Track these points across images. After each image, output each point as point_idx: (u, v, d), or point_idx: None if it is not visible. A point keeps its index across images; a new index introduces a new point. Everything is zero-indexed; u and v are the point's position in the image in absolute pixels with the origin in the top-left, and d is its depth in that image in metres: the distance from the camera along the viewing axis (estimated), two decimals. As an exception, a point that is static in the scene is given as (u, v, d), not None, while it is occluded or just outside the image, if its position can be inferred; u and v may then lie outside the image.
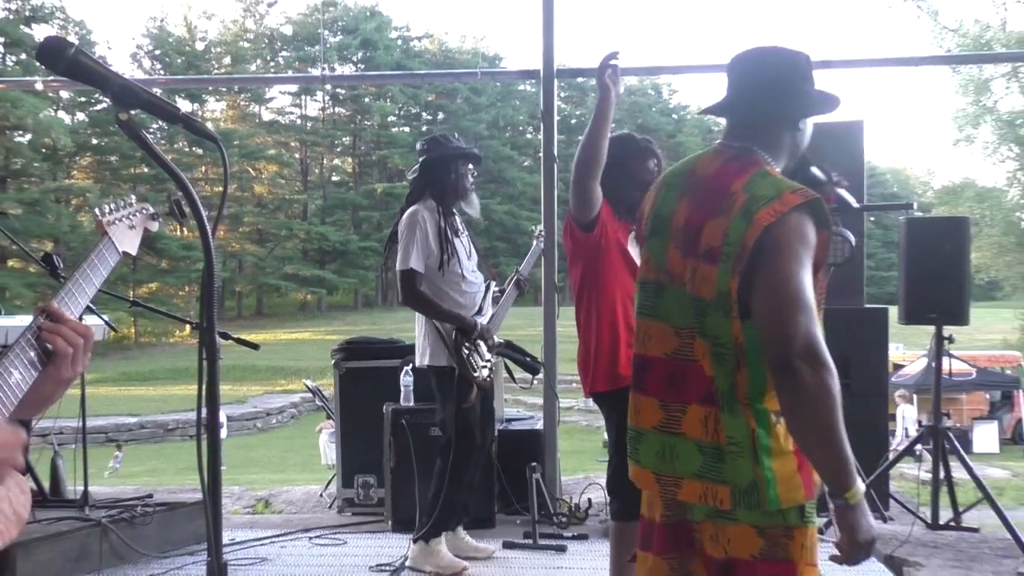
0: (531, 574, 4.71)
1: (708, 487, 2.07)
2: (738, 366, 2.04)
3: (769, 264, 1.97)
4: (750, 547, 2.05)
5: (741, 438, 2.04)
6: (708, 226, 2.08)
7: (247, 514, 6.69)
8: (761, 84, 2.20)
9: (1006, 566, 4.65)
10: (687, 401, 2.11)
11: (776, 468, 2.03)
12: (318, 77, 6.94)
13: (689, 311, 2.11)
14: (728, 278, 2.02)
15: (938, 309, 5.37)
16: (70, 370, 1.42)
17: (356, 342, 6.53)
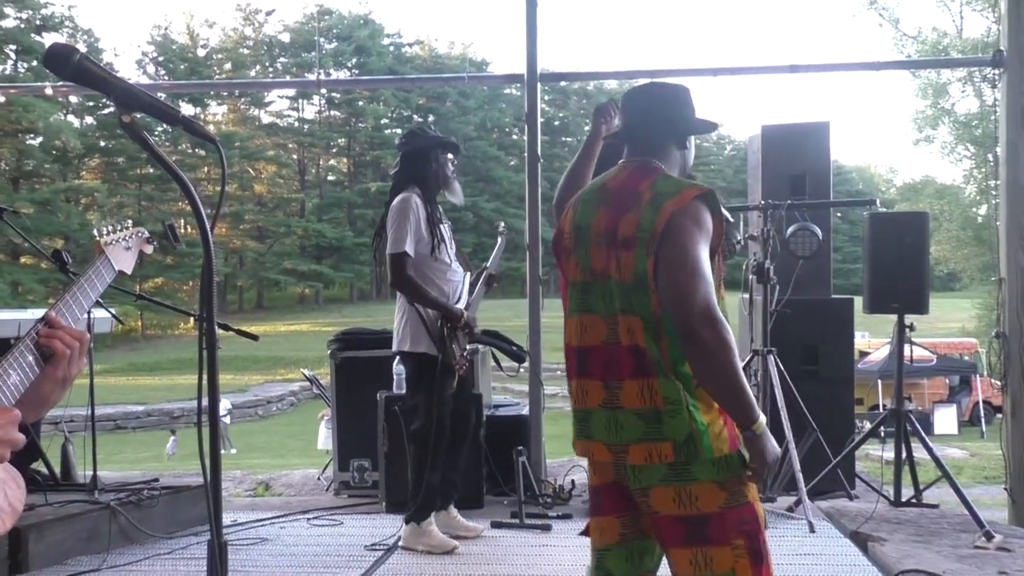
0: (518, 552, 4.70)
1: (652, 447, 2.27)
2: (658, 336, 2.27)
3: (671, 244, 2.23)
4: (716, 501, 2.26)
5: (676, 398, 2.25)
6: (622, 222, 2.33)
7: (248, 497, 6.69)
8: (653, 110, 2.50)
9: (964, 540, 4.67)
10: (622, 378, 2.32)
11: (707, 422, 2.26)
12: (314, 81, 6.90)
13: (616, 297, 2.33)
14: (644, 260, 2.26)
15: (900, 299, 5.38)
16: (67, 370, 1.43)
17: (351, 333, 6.51)
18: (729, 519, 2.25)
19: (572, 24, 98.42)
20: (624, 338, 2.31)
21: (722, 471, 2.26)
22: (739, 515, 2.26)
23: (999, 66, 5.77)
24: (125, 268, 1.71)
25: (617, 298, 2.33)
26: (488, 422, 5.89)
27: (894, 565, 4.20)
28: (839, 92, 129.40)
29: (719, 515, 2.25)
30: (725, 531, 2.25)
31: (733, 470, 2.27)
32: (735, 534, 2.25)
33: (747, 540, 2.25)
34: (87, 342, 1.40)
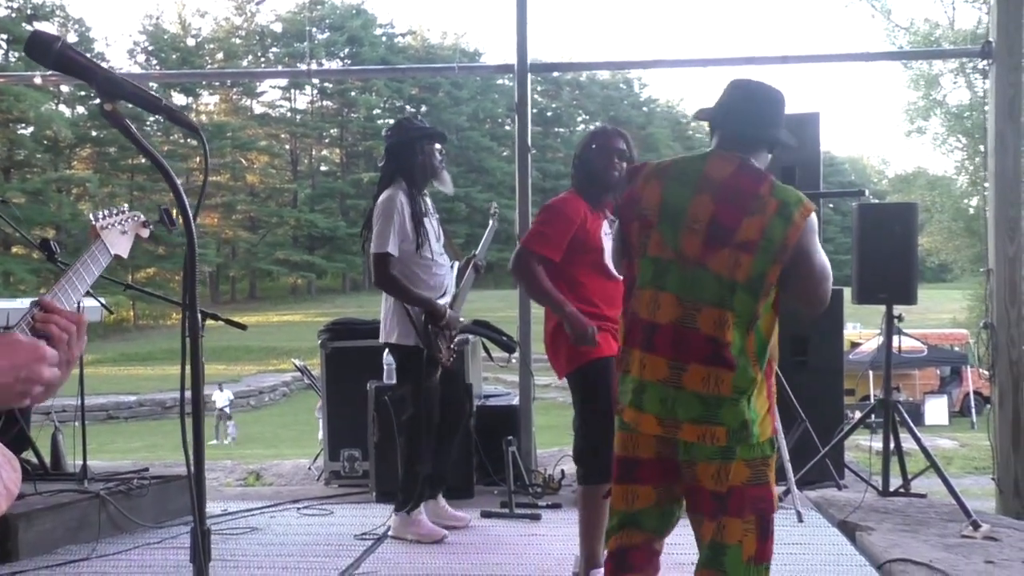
0: (508, 541, 4.72)
1: (707, 429, 2.46)
2: (748, 332, 2.45)
3: (804, 257, 2.47)
4: (741, 477, 2.48)
5: (744, 388, 2.45)
6: (744, 223, 2.45)
7: (239, 486, 6.69)
8: (760, 108, 2.60)
9: (951, 529, 4.69)
10: (689, 361, 2.48)
11: (759, 411, 2.49)
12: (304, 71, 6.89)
13: (710, 288, 2.47)
14: (766, 266, 2.43)
15: (888, 290, 5.40)
16: (68, 353, 1.41)
17: (341, 323, 6.51)
18: (748, 495, 2.48)
19: (565, 14, 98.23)
20: (705, 327, 2.47)
21: (755, 452, 2.49)
22: (757, 493, 2.49)
23: (988, 57, 5.78)
24: (121, 252, 1.70)
25: (711, 289, 2.47)
26: (478, 412, 5.89)
27: (881, 554, 4.22)
28: (832, 83, 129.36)
29: (740, 490, 2.48)
30: (742, 506, 2.48)
31: (764, 452, 2.51)
32: (750, 510, 2.48)
33: (758, 517, 2.49)
34: (83, 324, 1.38)
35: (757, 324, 2.46)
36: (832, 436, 5.72)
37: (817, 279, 2.50)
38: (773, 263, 2.43)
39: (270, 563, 4.36)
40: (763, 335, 2.48)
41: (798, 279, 2.49)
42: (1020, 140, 5.70)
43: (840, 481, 5.93)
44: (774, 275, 2.44)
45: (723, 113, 2.63)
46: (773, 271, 2.44)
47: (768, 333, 2.51)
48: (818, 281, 2.50)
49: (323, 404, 6.25)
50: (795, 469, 5.21)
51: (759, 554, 2.49)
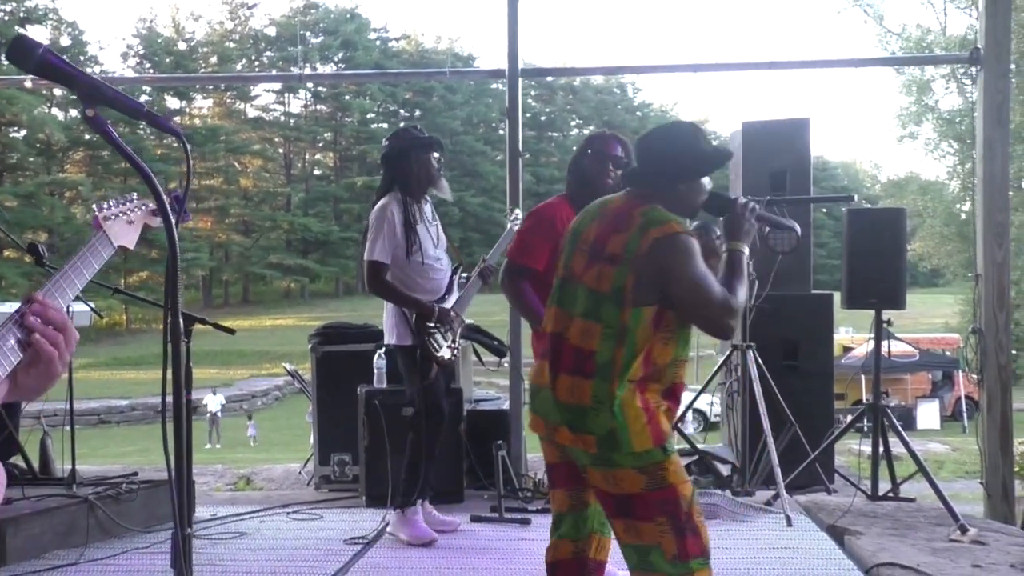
0: (497, 545, 4.72)
1: (578, 436, 2.59)
2: (619, 344, 2.56)
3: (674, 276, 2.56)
4: (637, 484, 2.56)
5: (603, 398, 2.54)
6: (612, 239, 2.64)
7: (229, 491, 6.68)
8: (653, 153, 2.77)
9: (939, 533, 4.70)
10: (559, 371, 2.65)
11: (629, 422, 2.53)
12: (295, 75, 6.96)
13: (581, 302, 2.65)
14: (624, 276, 2.57)
15: (878, 294, 5.40)
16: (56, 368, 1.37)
17: (332, 327, 6.52)
18: (651, 500, 2.56)
19: (558, 19, 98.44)
20: (574, 338, 2.64)
21: (641, 459, 2.54)
22: (660, 497, 2.55)
23: (976, 63, 5.81)
24: (127, 243, 1.68)
25: (583, 302, 2.65)
26: (469, 416, 5.92)
27: (869, 558, 4.23)
28: (826, 88, 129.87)
29: (641, 496, 2.56)
30: (648, 510, 2.56)
31: (653, 458, 2.55)
32: (657, 513, 2.55)
33: (669, 518, 2.54)
34: (68, 327, 1.36)
35: (629, 338, 2.55)
36: (822, 440, 5.74)
37: (693, 302, 2.58)
38: (629, 272, 2.56)
39: (259, 568, 4.35)
40: (635, 349, 2.55)
41: (676, 300, 2.57)
42: (1008, 146, 5.73)
43: (830, 485, 5.95)
44: (630, 283, 2.55)
45: (636, 169, 2.88)
46: (629, 279, 2.56)
47: (641, 348, 2.56)
48: (697, 305, 2.58)
49: (313, 408, 6.24)
50: (785, 473, 5.22)
51: (682, 551, 2.54)
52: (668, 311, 2.59)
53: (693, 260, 2.57)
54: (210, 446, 23.61)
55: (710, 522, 5.01)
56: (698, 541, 2.56)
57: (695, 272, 2.56)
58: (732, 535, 4.83)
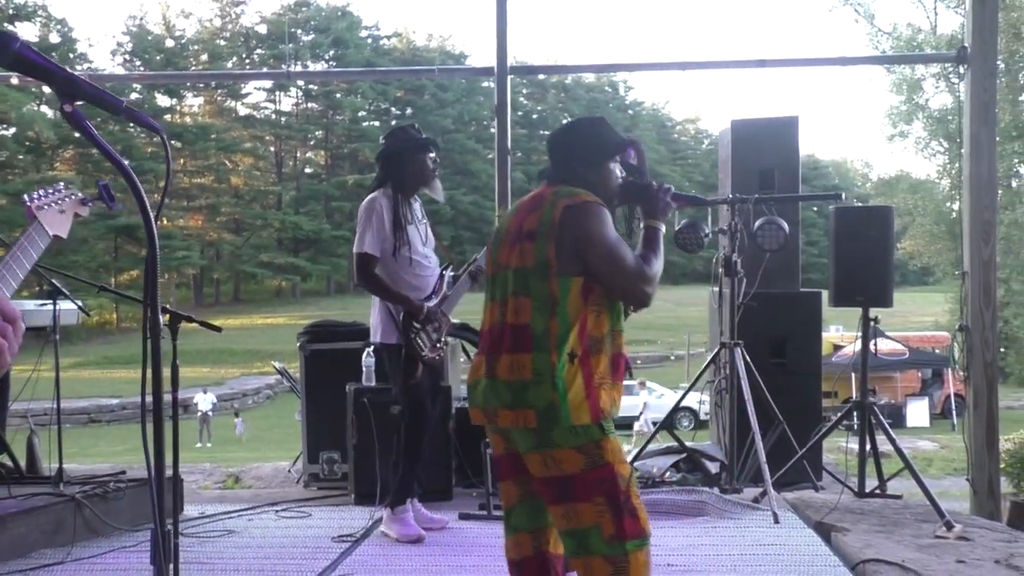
0: (485, 543, 4.71)
1: (518, 413, 2.64)
2: (551, 316, 2.65)
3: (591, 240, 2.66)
4: (576, 464, 2.60)
5: (543, 370, 2.61)
6: (528, 219, 2.76)
7: (217, 489, 6.67)
8: (558, 147, 2.93)
9: (925, 530, 4.72)
10: (500, 352, 2.71)
11: (569, 394, 2.59)
12: (284, 73, 6.95)
13: (512, 283, 2.74)
14: (545, 248, 2.67)
15: (864, 292, 5.42)
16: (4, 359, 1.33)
17: (320, 325, 6.52)
18: (589, 480, 2.60)
19: (549, 18, 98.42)
20: (510, 317, 2.73)
21: (580, 437, 2.59)
22: (598, 475, 2.59)
23: (963, 62, 5.83)
24: (60, 232, 1.68)
25: (512, 283, 2.75)
26: (457, 414, 5.90)
27: (855, 555, 4.24)
28: (818, 87, 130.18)
29: (580, 476, 2.60)
30: (587, 490, 2.60)
31: (591, 436, 2.60)
32: (596, 492, 2.59)
33: (607, 498, 2.59)
34: (20, 326, 1.33)
35: (560, 309, 2.64)
36: (810, 438, 5.75)
37: (608, 268, 2.67)
38: (548, 242, 2.67)
39: (247, 566, 4.35)
40: (568, 320, 2.63)
41: (592, 266, 2.66)
42: (995, 144, 5.75)
43: (818, 482, 5.97)
44: (551, 252, 2.66)
45: (542, 169, 3.00)
46: (550, 249, 2.66)
47: (574, 319, 2.64)
48: (612, 270, 2.68)
49: (302, 407, 6.24)
50: (773, 470, 5.24)
51: (619, 531, 2.58)
52: (595, 283, 2.68)
53: (605, 226, 2.69)
54: (200, 445, 23.58)
55: (697, 519, 5.07)
56: (635, 523, 2.61)
57: (608, 238, 2.68)
58: (719, 532, 4.84)
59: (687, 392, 6.69)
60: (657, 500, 5.29)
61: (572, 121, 3.10)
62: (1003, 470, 6.52)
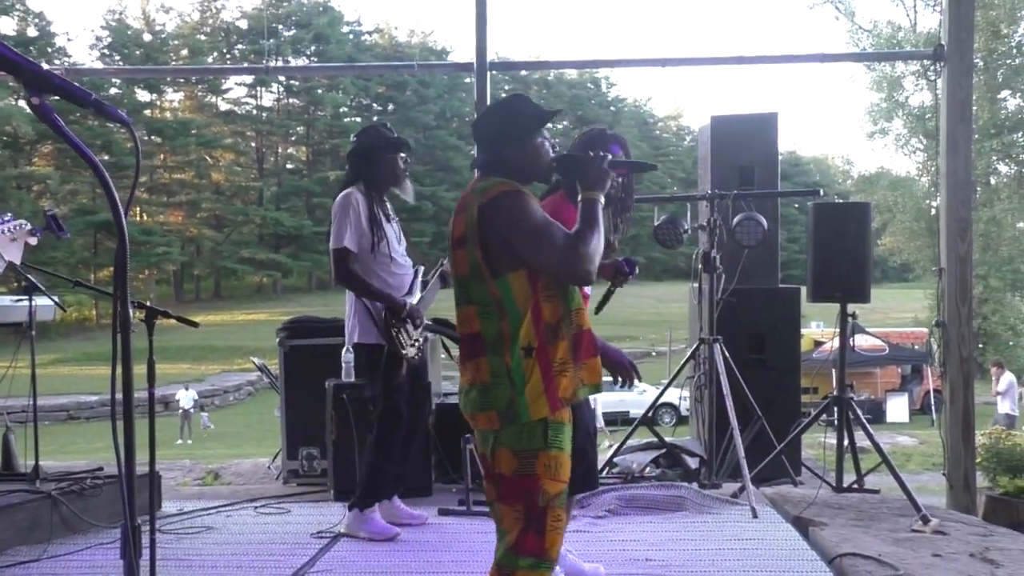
0: (464, 539, 4.72)
1: (485, 415, 2.63)
2: (501, 316, 2.61)
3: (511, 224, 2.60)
4: (509, 466, 2.60)
5: (499, 371, 2.59)
6: (457, 223, 2.71)
7: (196, 486, 6.65)
8: (482, 137, 2.90)
9: (902, 524, 4.76)
10: (464, 360, 2.72)
11: (527, 390, 2.57)
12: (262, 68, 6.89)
13: (457, 291, 2.73)
14: (474, 252, 2.63)
15: (842, 288, 5.45)
16: None
17: (299, 321, 6.51)
18: (515, 485, 2.59)
19: (531, 14, 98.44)
20: (461, 327, 2.72)
21: (522, 442, 2.58)
22: (523, 485, 2.58)
23: (940, 60, 5.87)
24: (14, 259, 1.70)
25: (458, 291, 2.73)
26: (437, 410, 5.91)
27: (832, 549, 4.27)
28: (799, 84, 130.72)
29: (509, 479, 2.60)
30: (511, 494, 2.60)
31: (531, 442, 2.57)
32: (517, 499, 2.59)
33: (524, 508, 2.58)
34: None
35: (508, 307, 2.60)
36: (788, 433, 5.78)
37: (535, 251, 2.59)
38: (475, 247, 2.62)
39: (224, 562, 4.33)
40: (518, 316, 2.58)
41: (525, 255, 2.60)
42: (971, 142, 5.79)
43: (796, 477, 6.01)
44: (479, 256, 2.62)
45: (474, 159, 2.98)
46: (478, 253, 2.62)
47: (524, 313, 2.59)
48: (540, 253, 2.59)
49: (281, 403, 6.22)
50: (752, 465, 5.26)
51: (519, 545, 2.56)
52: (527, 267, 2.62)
53: (525, 212, 2.62)
54: (181, 441, 23.49)
55: (675, 514, 5.08)
56: (538, 541, 2.57)
57: (530, 224, 2.60)
58: (698, 527, 4.86)
59: (666, 388, 6.72)
60: (636, 495, 5.31)
61: (491, 105, 3.05)
62: (979, 465, 6.58)
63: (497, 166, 2.78)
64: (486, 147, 2.86)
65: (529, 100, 2.91)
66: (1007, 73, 34.35)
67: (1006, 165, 36.33)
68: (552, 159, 2.86)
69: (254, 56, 56.71)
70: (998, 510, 5.98)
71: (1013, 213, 33.42)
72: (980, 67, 32.16)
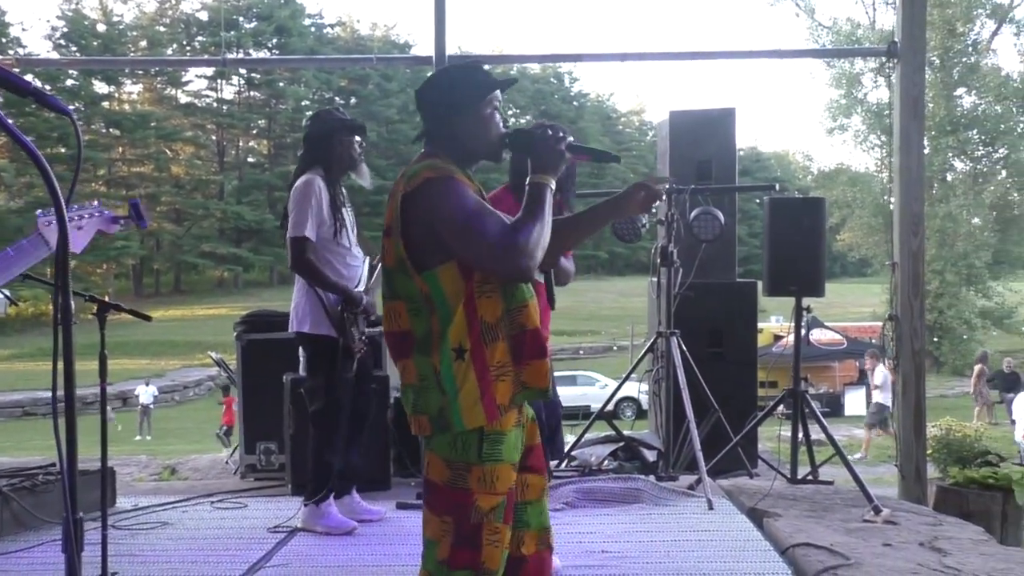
0: (421, 532, 4.71)
1: (417, 419, 2.42)
2: (430, 312, 2.36)
3: (438, 217, 2.34)
4: (441, 476, 2.39)
5: (427, 374, 2.36)
6: (388, 211, 2.45)
7: (152, 481, 6.59)
8: (424, 104, 2.57)
9: (854, 514, 4.83)
10: (395, 359, 2.48)
11: (460, 397, 2.33)
12: (219, 60, 6.85)
13: (383, 282, 2.48)
14: (399, 244, 2.38)
15: (797, 282, 5.51)
16: None
17: (257, 315, 6.47)
18: (446, 495, 2.38)
19: (496, 9, 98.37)
20: (390, 324, 2.46)
21: (455, 452, 2.36)
22: (454, 498, 2.37)
23: (893, 56, 5.94)
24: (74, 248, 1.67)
25: (385, 286, 2.47)
26: (395, 404, 5.90)
27: (786, 539, 4.32)
28: (761, 80, 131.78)
29: (440, 488, 2.39)
30: (441, 504, 2.40)
31: (465, 455, 2.35)
32: (446, 511, 2.38)
33: (455, 521, 2.37)
34: None
35: (437, 303, 2.35)
36: (745, 426, 5.85)
37: (464, 243, 2.32)
38: (399, 239, 2.38)
39: (179, 557, 4.30)
40: (448, 312, 2.33)
41: (453, 248, 2.34)
42: (923, 138, 5.88)
43: (752, 470, 6.07)
44: (403, 250, 2.38)
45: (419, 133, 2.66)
46: (402, 247, 2.38)
47: (454, 309, 2.34)
48: (469, 245, 2.32)
49: (239, 397, 6.19)
50: (708, 458, 5.31)
51: (452, 559, 2.37)
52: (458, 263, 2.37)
53: (451, 200, 2.34)
54: (140, 437, 23.26)
55: (632, 507, 5.12)
56: (473, 556, 2.37)
57: (456, 214, 2.33)
58: (654, 519, 4.90)
59: (623, 382, 6.77)
60: (593, 488, 5.34)
61: (436, 72, 2.69)
62: (930, 456, 6.68)
63: (440, 140, 2.52)
64: (429, 117, 2.55)
65: (480, 67, 2.60)
66: (962, 71, 34.87)
67: (961, 162, 36.91)
68: (504, 134, 2.57)
69: (214, 48, 56.06)
70: (948, 500, 6.07)
71: (968, 209, 33.97)
72: (936, 65, 32.61)
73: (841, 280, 57.19)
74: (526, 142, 2.53)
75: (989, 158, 37.34)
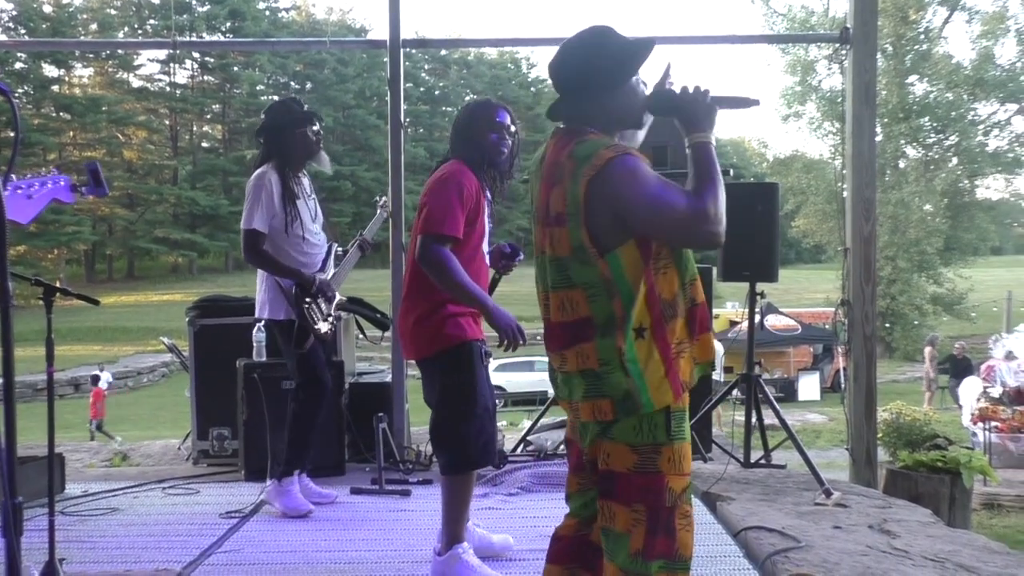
0: (376, 516, 4.71)
1: (594, 403, 2.34)
2: (611, 296, 2.30)
3: (624, 200, 2.24)
4: (626, 462, 2.32)
5: (610, 358, 2.29)
6: (552, 197, 2.37)
7: (104, 467, 6.51)
8: (569, 78, 2.45)
9: (805, 497, 4.89)
10: (561, 348, 2.42)
11: (646, 376, 2.29)
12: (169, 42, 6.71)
13: (550, 273, 2.41)
14: (578, 232, 2.29)
15: (751, 268, 5.56)
16: None
17: (210, 300, 6.41)
18: (634, 483, 2.32)
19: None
20: (559, 315, 2.40)
21: (641, 435, 2.31)
22: (645, 483, 2.31)
23: (846, 43, 5.99)
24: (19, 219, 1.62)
25: (552, 274, 2.40)
26: (351, 389, 5.89)
27: (738, 522, 4.36)
28: (717, 66, 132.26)
29: (625, 476, 2.32)
30: (628, 493, 2.32)
31: (653, 436, 2.31)
32: (636, 499, 2.31)
33: (647, 508, 2.31)
34: None
35: (620, 286, 2.28)
36: (698, 410, 5.88)
37: (657, 224, 2.27)
38: (580, 226, 2.29)
39: (129, 543, 4.25)
40: (631, 294, 2.28)
41: (640, 228, 2.28)
42: (875, 124, 5.93)
43: (707, 454, 6.11)
44: (586, 237, 2.29)
45: (552, 106, 2.55)
46: (584, 233, 2.29)
47: (636, 289, 2.28)
48: (662, 225, 2.27)
49: (192, 382, 6.12)
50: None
51: (647, 549, 2.30)
52: (650, 240, 2.31)
53: (637, 179, 2.25)
54: (92, 425, 22.94)
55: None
56: (670, 543, 2.32)
57: (645, 190, 2.24)
58: (609, 502, 4.92)
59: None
60: (548, 472, 5.36)
61: (573, 40, 2.47)
62: (880, 440, 6.78)
63: (589, 112, 2.42)
64: (573, 94, 2.44)
65: (616, 32, 2.45)
66: (915, 58, 35.34)
67: (914, 149, 37.40)
68: (648, 97, 2.46)
69: (167, 32, 55.28)
70: (898, 483, 6.18)
71: (920, 196, 34.44)
72: (888, 52, 33.02)
73: (796, 266, 57.81)
74: (669, 104, 2.42)
75: (940, 145, 37.88)
